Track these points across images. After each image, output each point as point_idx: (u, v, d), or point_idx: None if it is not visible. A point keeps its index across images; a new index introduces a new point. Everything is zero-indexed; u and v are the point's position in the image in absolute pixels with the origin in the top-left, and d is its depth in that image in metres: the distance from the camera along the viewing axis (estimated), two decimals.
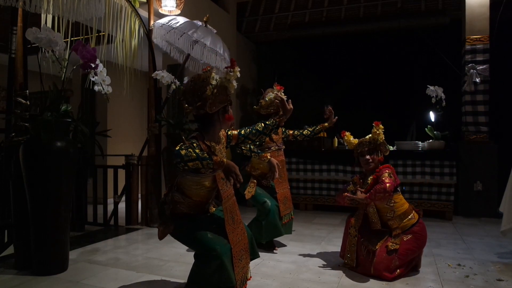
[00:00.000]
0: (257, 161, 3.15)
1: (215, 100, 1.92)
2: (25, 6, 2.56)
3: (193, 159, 1.77)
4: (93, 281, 2.46)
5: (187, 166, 1.78)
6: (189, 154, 1.77)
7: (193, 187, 2.00)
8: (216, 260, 1.88)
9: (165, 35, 3.91)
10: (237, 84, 2.06)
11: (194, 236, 1.97)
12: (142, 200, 4.21)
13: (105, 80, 2.88)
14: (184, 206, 2.05)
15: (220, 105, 1.96)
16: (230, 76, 1.91)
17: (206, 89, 1.90)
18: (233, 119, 2.04)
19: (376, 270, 2.46)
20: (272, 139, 3.19)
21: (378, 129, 2.66)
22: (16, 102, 2.67)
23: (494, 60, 4.70)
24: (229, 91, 1.95)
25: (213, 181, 2.00)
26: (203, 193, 2.03)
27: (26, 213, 2.59)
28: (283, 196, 3.23)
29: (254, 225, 3.19)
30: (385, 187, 2.45)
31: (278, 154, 3.21)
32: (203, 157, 1.79)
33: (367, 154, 2.67)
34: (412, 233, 2.55)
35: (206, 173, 1.93)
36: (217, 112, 1.97)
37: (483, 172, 4.62)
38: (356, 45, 6.06)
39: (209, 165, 1.79)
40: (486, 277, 2.53)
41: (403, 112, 5.49)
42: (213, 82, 1.92)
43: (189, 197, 2.03)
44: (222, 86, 1.93)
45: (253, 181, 3.18)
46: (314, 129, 3.31)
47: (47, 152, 2.51)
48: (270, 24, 6.39)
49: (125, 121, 6.35)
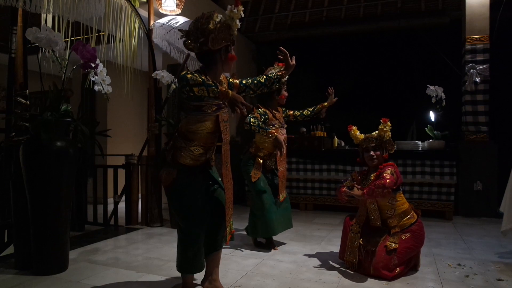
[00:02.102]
0: (262, 140, 3.15)
1: (217, 36, 1.92)
2: (25, 6, 2.56)
3: (199, 84, 1.80)
4: (93, 281, 2.46)
5: (192, 92, 1.82)
6: (194, 78, 1.81)
7: (195, 128, 2.01)
8: (194, 246, 2.04)
9: (165, 35, 3.91)
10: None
11: (182, 206, 2.07)
12: (142, 200, 4.21)
13: (105, 80, 2.88)
14: (186, 154, 2.06)
15: (223, 43, 1.95)
16: (233, 14, 1.91)
17: (210, 23, 1.91)
18: (235, 58, 2.03)
19: (376, 270, 2.46)
20: (275, 116, 3.18)
21: (385, 126, 2.65)
22: (16, 102, 2.67)
23: (494, 60, 4.70)
24: (232, 30, 1.95)
25: (215, 122, 2.02)
26: (205, 135, 2.04)
27: (26, 213, 2.59)
28: (282, 174, 3.25)
29: (250, 221, 3.21)
30: (385, 182, 2.44)
31: (282, 131, 3.19)
32: (208, 83, 1.82)
33: (372, 150, 2.66)
34: (410, 232, 2.56)
35: (209, 110, 1.95)
36: (219, 51, 1.97)
37: (483, 172, 4.62)
38: (356, 45, 6.05)
39: (214, 92, 1.82)
40: (486, 277, 2.53)
41: (403, 112, 5.48)
42: (216, 19, 1.93)
43: (192, 140, 2.04)
44: (226, 23, 1.93)
45: (258, 162, 3.17)
46: (314, 108, 3.38)
47: (47, 152, 2.51)
48: (270, 24, 6.39)
49: (125, 121, 6.35)
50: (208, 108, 1.95)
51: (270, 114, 3.14)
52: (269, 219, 3.08)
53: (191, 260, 2.08)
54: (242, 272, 2.61)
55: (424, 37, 5.47)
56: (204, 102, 1.93)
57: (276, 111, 3.23)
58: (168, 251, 3.17)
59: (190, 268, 2.11)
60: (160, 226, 4.12)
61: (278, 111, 3.27)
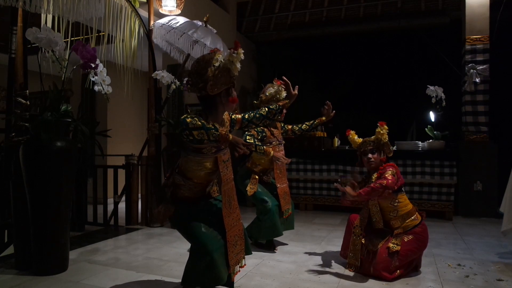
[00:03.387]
0: (258, 157, 3.15)
1: (216, 81, 1.89)
2: (25, 6, 2.56)
3: (198, 128, 1.80)
4: (93, 281, 2.46)
5: (192, 136, 1.82)
6: (194, 122, 1.80)
7: (194, 168, 2.00)
8: (206, 257, 1.90)
9: (165, 35, 3.91)
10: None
11: (189, 226, 2.00)
12: (142, 200, 4.21)
13: (105, 80, 2.88)
14: (185, 189, 2.06)
15: (222, 87, 1.92)
16: (233, 58, 1.87)
17: (208, 70, 1.88)
18: (237, 101, 2.01)
19: (376, 270, 2.46)
20: (273, 134, 3.19)
21: (382, 129, 2.65)
22: (16, 102, 2.67)
23: (494, 60, 4.70)
24: (232, 73, 1.92)
25: (214, 163, 2.00)
26: (204, 175, 2.04)
27: (26, 213, 2.59)
28: (283, 191, 3.23)
29: (255, 224, 3.20)
30: (387, 183, 2.41)
31: (279, 149, 3.20)
32: (208, 127, 1.82)
33: (369, 153, 2.67)
34: (413, 234, 2.54)
35: (209, 152, 1.95)
36: (219, 94, 1.94)
37: (483, 172, 4.62)
38: (356, 45, 6.05)
39: (214, 136, 1.81)
40: (486, 277, 2.52)
41: (403, 112, 5.49)
42: (215, 64, 1.88)
43: (190, 179, 2.04)
44: (225, 67, 1.89)
45: (254, 177, 3.18)
46: (312, 123, 3.38)
47: (47, 152, 2.51)
48: (270, 24, 6.39)
49: (125, 121, 6.35)
50: (208, 151, 1.95)
51: (268, 132, 3.14)
52: (273, 221, 3.08)
53: (202, 272, 1.93)
54: (242, 272, 2.60)
55: (424, 37, 5.47)
56: (204, 145, 1.93)
57: (274, 128, 3.23)
58: (168, 251, 3.17)
59: (199, 280, 1.96)
60: (160, 226, 4.12)
61: (277, 127, 3.27)
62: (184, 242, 3.07)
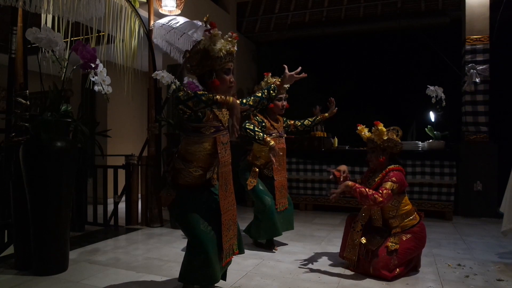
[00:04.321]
0: (259, 149, 3.15)
1: (199, 63, 1.98)
2: (25, 6, 2.56)
3: (191, 97, 1.83)
4: (93, 281, 2.46)
5: (188, 107, 1.84)
6: (185, 93, 1.84)
7: (193, 149, 2.02)
8: (201, 255, 1.95)
9: (165, 35, 3.91)
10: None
11: (188, 220, 2.03)
12: (142, 200, 4.21)
13: (105, 80, 2.88)
14: (186, 174, 2.07)
15: (205, 69, 1.99)
16: (211, 39, 1.93)
17: (194, 51, 1.97)
18: (217, 83, 1.98)
19: (375, 270, 2.46)
20: (273, 126, 3.18)
21: (377, 129, 2.65)
22: (16, 102, 2.67)
23: (494, 60, 4.69)
24: (213, 55, 1.94)
25: (213, 144, 2.02)
26: (203, 157, 2.05)
27: (26, 213, 2.59)
28: (280, 184, 3.22)
29: (254, 224, 3.19)
30: (379, 200, 2.39)
31: (280, 141, 3.17)
32: (201, 94, 1.85)
33: (369, 152, 2.68)
34: (411, 233, 2.55)
35: (208, 132, 1.98)
36: (203, 76, 2.02)
37: (483, 172, 4.62)
38: (356, 45, 6.05)
39: (209, 98, 1.84)
40: (486, 277, 2.53)
41: (403, 112, 5.48)
42: (200, 46, 1.96)
43: (190, 161, 2.05)
44: (205, 50, 1.94)
45: (254, 170, 3.17)
46: (315, 119, 3.42)
47: (47, 152, 2.51)
48: (270, 24, 6.38)
49: (125, 121, 6.35)
50: (206, 130, 1.98)
51: (267, 123, 3.13)
52: (272, 220, 3.07)
53: (197, 270, 1.99)
54: (242, 273, 2.61)
55: (424, 37, 5.46)
56: (203, 123, 1.97)
57: (275, 121, 3.22)
58: (168, 251, 3.17)
59: (195, 277, 2.02)
60: (160, 227, 4.12)
61: (278, 120, 3.26)
62: (184, 242, 3.07)
